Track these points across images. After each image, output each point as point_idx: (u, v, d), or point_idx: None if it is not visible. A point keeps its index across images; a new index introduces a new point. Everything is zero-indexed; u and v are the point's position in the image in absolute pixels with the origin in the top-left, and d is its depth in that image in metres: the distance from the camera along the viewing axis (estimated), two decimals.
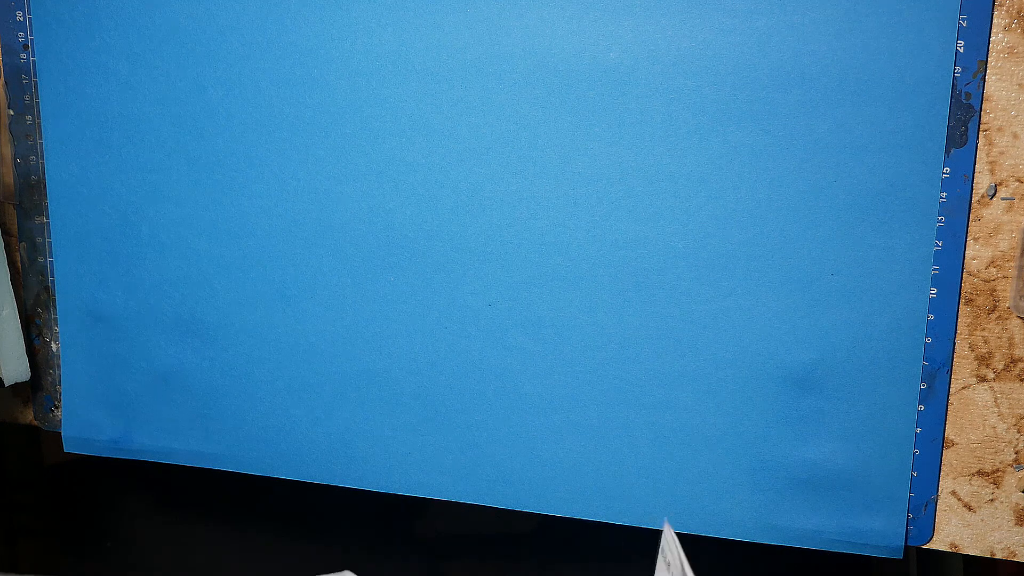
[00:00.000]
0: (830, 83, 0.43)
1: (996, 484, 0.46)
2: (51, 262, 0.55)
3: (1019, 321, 0.45)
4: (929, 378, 0.45)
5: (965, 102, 0.42)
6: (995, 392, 0.45)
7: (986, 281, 0.44)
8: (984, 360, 0.45)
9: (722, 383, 0.47)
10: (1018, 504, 0.47)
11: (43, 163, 0.54)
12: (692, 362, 0.47)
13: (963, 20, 0.42)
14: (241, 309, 0.52)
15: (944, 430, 0.46)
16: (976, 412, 0.46)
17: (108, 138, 0.52)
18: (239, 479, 0.56)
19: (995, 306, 0.45)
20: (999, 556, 0.47)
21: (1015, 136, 0.43)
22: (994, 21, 0.42)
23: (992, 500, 0.47)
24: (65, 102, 0.52)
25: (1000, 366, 0.45)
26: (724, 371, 0.47)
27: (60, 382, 0.57)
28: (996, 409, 0.46)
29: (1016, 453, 0.46)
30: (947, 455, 0.47)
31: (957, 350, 0.45)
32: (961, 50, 0.42)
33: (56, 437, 0.58)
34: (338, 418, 0.53)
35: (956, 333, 0.45)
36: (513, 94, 0.46)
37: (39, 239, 0.55)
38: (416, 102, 0.47)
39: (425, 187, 0.48)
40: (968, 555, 0.48)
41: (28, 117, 0.53)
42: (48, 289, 0.56)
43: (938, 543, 0.48)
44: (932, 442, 0.46)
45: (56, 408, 0.58)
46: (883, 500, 0.47)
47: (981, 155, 0.43)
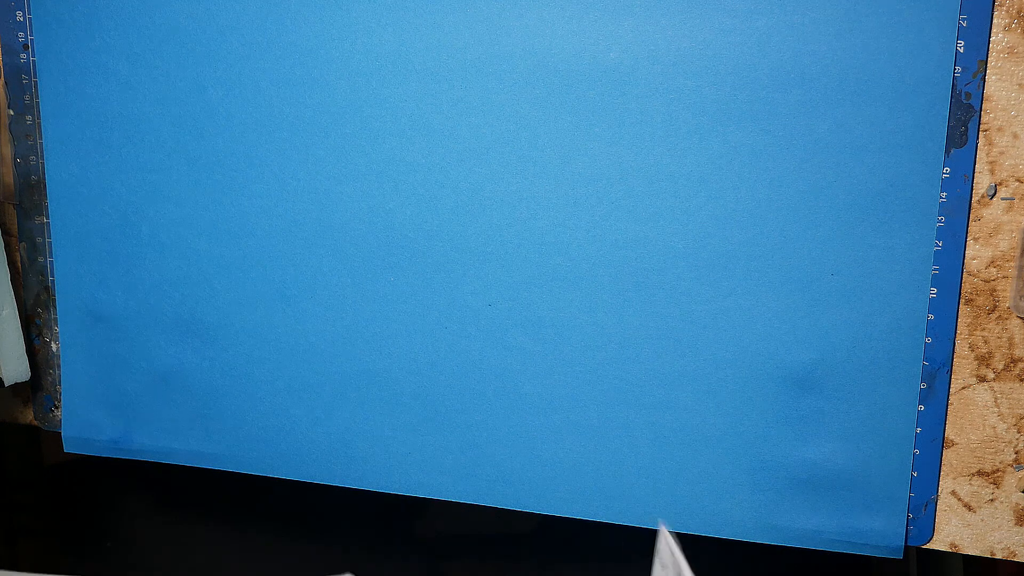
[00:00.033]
0: (830, 83, 0.43)
1: (996, 484, 0.46)
2: (51, 262, 0.55)
3: (1019, 321, 0.45)
4: (929, 378, 0.45)
5: (965, 102, 0.42)
6: (995, 392, 0.45)
7: (986, 281, 0.44)
8: (984, 360, 0.45)
9: (722, 383, 0.47)
10: (1018, 504, 0.47)
11: (43, 163, 0.54)
12: (692, 362, 0.47)
13: (963, 20, 0.42)
14: (241, 309, 0.52)
15: (944, 430, 0.46)
16: (976, 412, 0.46)
17: (108, 138, 0.52)
18: (239, 479, 0.56)
19: (995, 306, 0.45)
20: (999, 556, 0.47)
21: (1015, 136, 0.43)
22: (994, 21, 0.42)
23: (992, 500, 0.47)
24: (65, 102, 0.52)
25: (1000, 366, 0.45)
26: (724, 371, 0.47)
27: (60, 382, 0.57)
28: (996, 409, 0.46)
29: (1016, 453, 0.46)
30: (947, 455, 0.47)
31: (957, 350, 0.45)
32: (961, 50, 0.42)
33: (56, 437, 0.58)
34: (338, 418, 0.53)
35: (956, 333, 0.45)
36: (513, 94, 0.46)
37: (39, 239, 0.55)
38: (416, 102, 0.47)
39: (425, 187, 0.48)
40: (968, 555, 0.48)
41: (28, 117, 0.53)
42: (48, 289, 0.56)
43: (938, 543, 0.48)
44: (932, 442, 0.46)
45: (56, 408, 0.58)
46: (883, 500, 0.47)
47: (981, 155, 0.43)
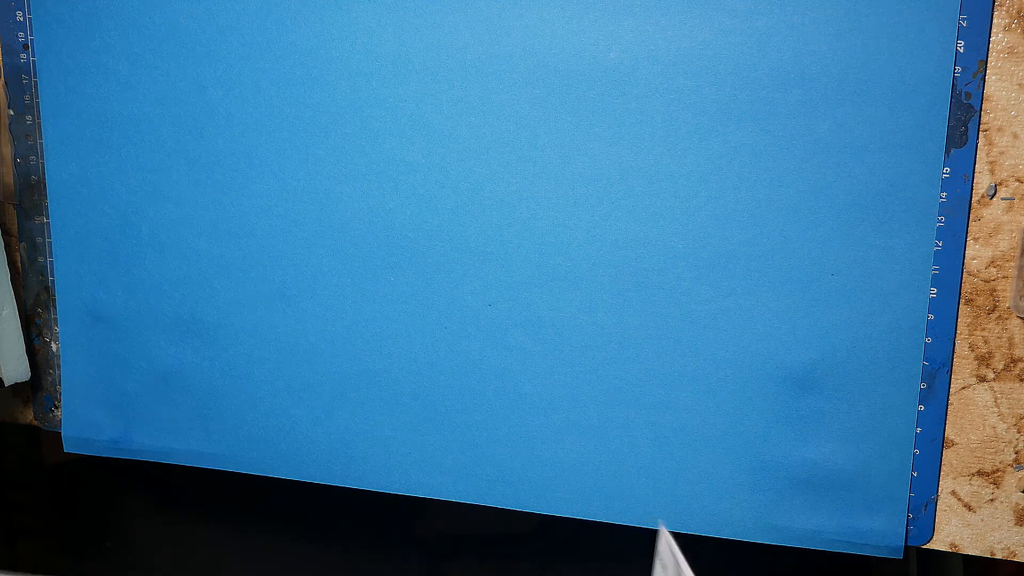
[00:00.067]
0: (830, 83, 0.43)
1: (996, 484, 0.46)
2: (51, 262, 0.55)
3: (1019, 321, 0.45)
4: (929, 378, 0.45)
5: (965, 102, 0.42)
6: (995, 392, 0.45)
7: (986, 281, 0.44)
8: (984, 360, 0.45)
9: (722, 383, 0.47)
10: (1018, 504, 0.47)
11: (43, 163, 0.54)
12: (692, 362, 0.47)
13: (963, 20, 0.42)
14: (241, 309, 0.52)
15: (944, 430, 0.46)
16: (976, 412, 0.46)
17: (108, 138, 0.52)
18: (239, 479, 0.56)
19: (995, 306, 0.45)
20: (999, 556, 0.47)
21: (1015, 136, 0.43)
22: (994, 21, 0.42)
23: (992, 500, 0.47)
24: (65, 102, 0.52)
25: (1000, 366, 0.45)
26: (724, 371, 0.47)
27: (60, 382, 0.57)
28: (996, 409, 0.46)
29: (1016, 453, 0.46)
30: (947, 455, 0.47)
31: (957, 350, 0.45)
32: (961, 50, 0.42)
33: (56, 437, 0.58)
34: (338, 418, 0.53)
35: (956, 333, 0.45)
36: (513, 94, 0.46)
37: (39, 239, 0.55)
38: (416, 102, 0.47)
39: (425, 187, 0.48)
40: (968, 555, 0.48)
41: (28, 117, 0.53)
42: (48, 289, 0.56)
43: (938, 543, 0.48)
44: (932, 442, 0.46)
45: (56, 408, 0.58)
46: (883, 500, 0.47)
47: (981, 155, 0.43)
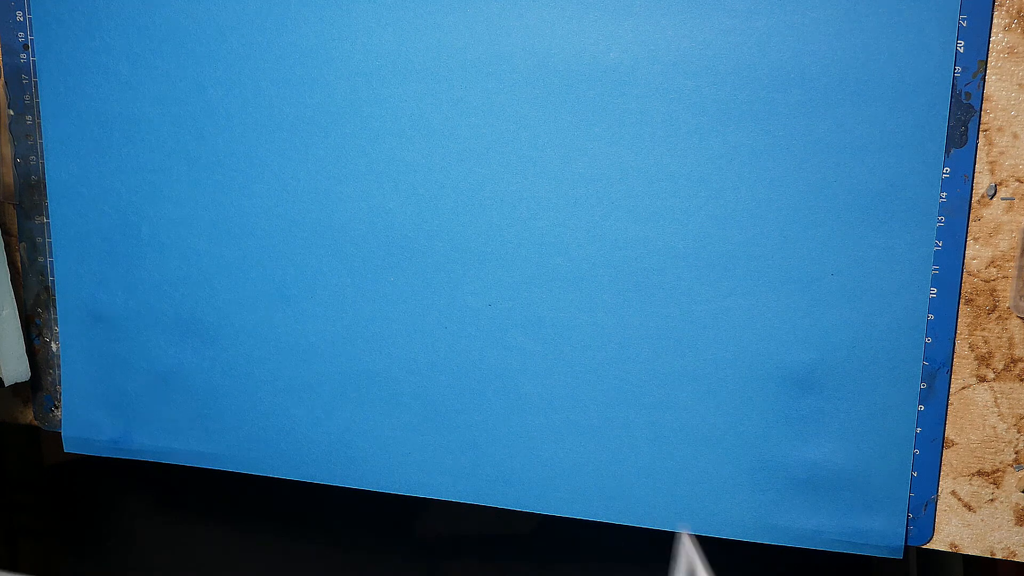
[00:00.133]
0: (830, 83, 0.43)
1: (996, 484, 0.46)
2: (51, 262, 0.55)
3: (1019, 321, 0.45)
4: (929, 378, 0.45)
5: (965, 102, 0.42)
6: (995, 392, 0.45)
7: (986, 281, 0.44)
8: (984, 360, 0.45)
9: (722, 383, 0.47)
10: (1018, 504, 0.47)
11: (43, 163, 0.54)
12: (692, 362, 0.47)
13: (963, 20, 0.42)
14: (241, 309, 0.52)
15: (944, 430, 0.46)
16: (976, 412, 0.46)
17: (108, 138, 0.52)
18: (239, 479, 0.56)
19: (995, 306, 0.45)
20: (999, 556, 0.47)
21: (1015, 136, 0.43)
22: (994, 21, 0.42)
23: (992, 500, 0.47)
24: (65, 102, 0.52)
25: (1000, 366, 0.45)
26: (724, 371, 0.47)
27: (60, 382, 0.57)
28: (996, 409, 0.46)
29: (1016, 453, 0.46)
30: (947, 455, 0.47)
31: (957, 350, 0.45)
32: (961, 50, 0.42)
33: (56, 437, 0.58)
34: (338, 418, 0.53)
35: (956, 333, 0.45)
36: (513, 94, 0.46)
37: (39, 239, 0.55)
38: (416, 102, 0.47)
39: (425, 187, 0.48)
40: (968, 555, 0.48)
41: (28, 117, 0.53)
42: (48, 289, 0.56)
43: (938, 543, 0.48)
44: (932, 442, 0.46)
45: (56, 408, 0.58)
46: (883, 500, 0.47)
47: (981, 155, 0.43)
